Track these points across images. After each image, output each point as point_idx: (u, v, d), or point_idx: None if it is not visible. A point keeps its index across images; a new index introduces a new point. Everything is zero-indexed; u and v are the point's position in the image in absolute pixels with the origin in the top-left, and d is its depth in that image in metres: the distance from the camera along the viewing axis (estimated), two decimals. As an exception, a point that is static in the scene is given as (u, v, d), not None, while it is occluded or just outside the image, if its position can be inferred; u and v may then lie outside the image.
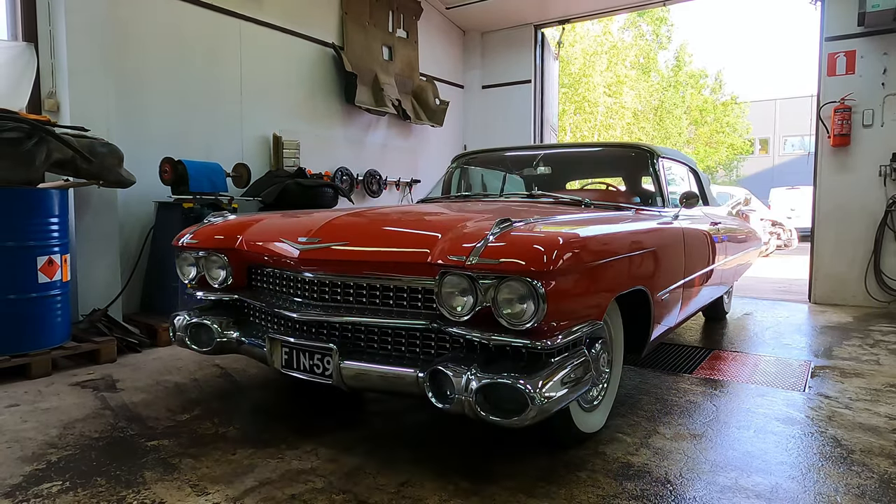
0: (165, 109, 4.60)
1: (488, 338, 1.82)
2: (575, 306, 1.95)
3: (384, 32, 6.63)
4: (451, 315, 1.89)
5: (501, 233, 1.88)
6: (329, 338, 2.20)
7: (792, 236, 12.61)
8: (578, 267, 1.93)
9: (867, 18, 5.30)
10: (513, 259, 1.77)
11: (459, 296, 1.89)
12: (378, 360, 2.07)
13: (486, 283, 1.81)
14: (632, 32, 21.02)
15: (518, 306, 1.79)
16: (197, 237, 2.66)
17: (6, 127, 3.16)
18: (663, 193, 3.24)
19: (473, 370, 1.77)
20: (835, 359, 3.72)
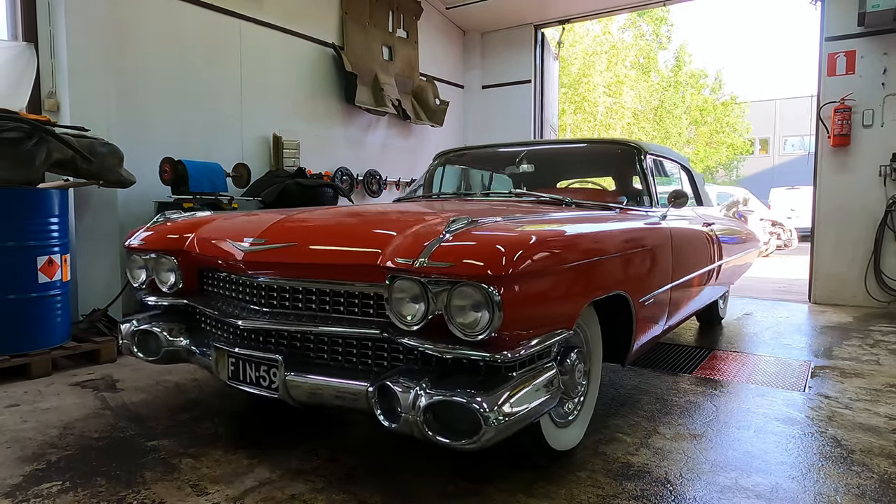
0: (165, 109, 4.60)
1: (440, 349, 1.65)
2: (539, 314, 1.78)
3: (384, 32, 6.63)
4: (401, 323, 1.72)
5: (455, 233, 1.71)
6: (278, 348, 2.05)
7: (792, 236, 12.62)
8: (543, 270, 1.76)
9: (867, 18, 5.30)
10: (466, 262, 1.60)
11: (411, 302, 1.71)
12: (329, 373, 1.90)
13: (438, 288, 1.64)
14: (632, 32, 21.03)
15: (472, 315, 1.62)
16: (146, 238, 2.50)
17: (6, 127, 3.16)
18: (651, 192, 3.05)
19: (423, 386, 1.61)
20: (835, 359, 3.72)
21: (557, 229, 2.00)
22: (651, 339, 2.75)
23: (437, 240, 1.68)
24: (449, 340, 1.65)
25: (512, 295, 1.61)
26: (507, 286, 1.60)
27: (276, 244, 2.05)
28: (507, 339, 1.64)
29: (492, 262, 1.58)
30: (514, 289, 1.63)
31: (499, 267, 1.58)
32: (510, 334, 1.64)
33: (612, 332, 2.43)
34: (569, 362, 1.99)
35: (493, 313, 1.58)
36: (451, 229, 1.72)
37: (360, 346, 1.94)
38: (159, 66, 4.56)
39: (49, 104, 3.97)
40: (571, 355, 2.01)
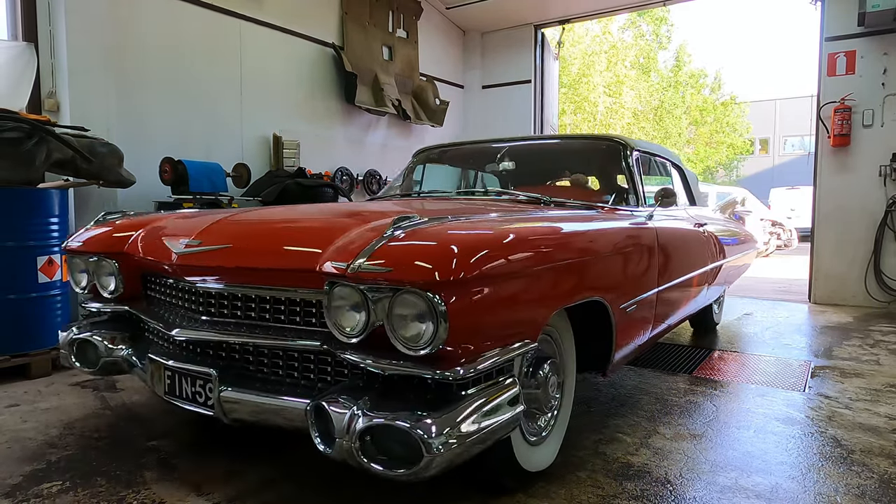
0: (165, 109, 4.60)
1: (380, 365, 1.48)
2: (496, 325, 1.60)
3: (384, 32, 6.63)
4: (341, 335, 1.55)
5: (399, 234, 1.53)
6: (217, 360, 1.89)
7: (792, 236, 12.62)
8: (499, 275, 1.57)
9: (867, 18, 5.30)
10: (406, 266, 1.43)
11: (351, 311, 1.54)
12: (269, 390, 1.74)
13: (378, 296, 1.46)
14: (632, 32, 21.03)
15: (415, 326, 1.44)
16: (86, 239, 2.33)
17: (6, 127, 3.16)
18: (637, 191, 2.87)
19: (361, 406, 1.44)
20: (835, 359, 3.72)
21: (521, 229, 1.83)
22: (636, 347, 2.60)
23: (377, 242, 1.50)
24: (393, 355, 1.49)
25: (461, 304, 1.43)
26: (455, 294, 1.42)
27: (211, 246, 1.89)
28: (457, 354, 1.47)
29: (436, 267, 1.40)
30: (463, 297, 1.45)
31: (445, 272, 1.40)
32: (460, 348, 1.47)
33: (592, 341, 2.28)
34: (541, 374, 1.87)
35: (438, 325, 1.40)
36: (395, 230, 1.55)
37: (302, 359, 1.77)
38: (159, 66, 4.56)
39: (49, 104, 3.97)
40: (544, 367, 1.89)
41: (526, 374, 1.86)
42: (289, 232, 1.99)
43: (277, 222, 2.13)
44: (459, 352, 1.47)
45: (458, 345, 1.46)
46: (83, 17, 3.98)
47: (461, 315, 1.44)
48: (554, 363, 1.98)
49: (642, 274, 2.55)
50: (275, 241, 1.89)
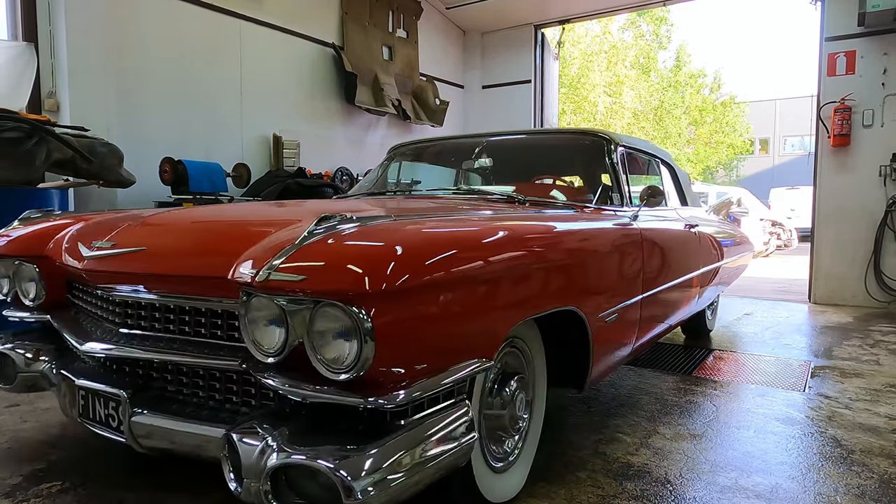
0: (165, 109, 4.61)
1: (299, 391, 1.27)
2: (440, 342, 1.39)
3: (384, 32, 6.63)
4: (259, 353, 1.34)
5: (318, 237, 1.31)
6: (133, 379, 1.69)
7: (792, 236, 12.63)
8: (442, 285, 1.35)
9: (867, 18, 5.30)
10: (324, 275, 1.22)
11: (271, 326, 1.32)
12: (187, 414, 1.53)
13: (297, 308, 1.25)
14: (632, 32, 21.04)
15: (336, 345, 1.24)
16: (5, 242, 2.13)
17: (6, 127, 3.16)
18: (621, 189, 2.66)
19: (277, 439, 1.23)
20: (835, 359, 3.72)
21: (474, 231, 1.61)
22: (618, 359, 2.42)
23: (293, 246, 1.28)
24: (316, 379, 1.27)
25: (393, 319, 1.22)
26: (386, 307, 1.21)
27: (122, 249, 1.69)
28: (390, 378, 1.26)
29: (362, 275, 1.19)
30: (396, 311, 1.23)
31: (372, 281, 1.18)
32: (394, 371, 1.27)
33: (567, 353, 2.10)
34: (507, 393, 1.71)
35: (363, 344, 1.19)
36: (315, 231, 1.32)
37: (225, 379, 1.55)
38: (159, 66, 4.56)
39: (49, 104, 3.97)
40: (510, 384, 1.73)
41: (489, 392, 1.71)
42: (206, 233, 1.79)
43: (198, 222, 1.92)
44: (393, 375, 1.26)
45: (390, 367, 1.25)
46: (83, 17, 3.98)
47: (393, 332, 1.23)
48: (522, 379, 1.80)
49: (625, 279, 2.34)
50: (189, 244, 1.72)
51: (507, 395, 1.73)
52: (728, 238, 4.06)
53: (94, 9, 4.04)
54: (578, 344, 2.04)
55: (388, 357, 1.23)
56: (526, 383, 1.86)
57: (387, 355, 1.22)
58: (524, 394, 1.83)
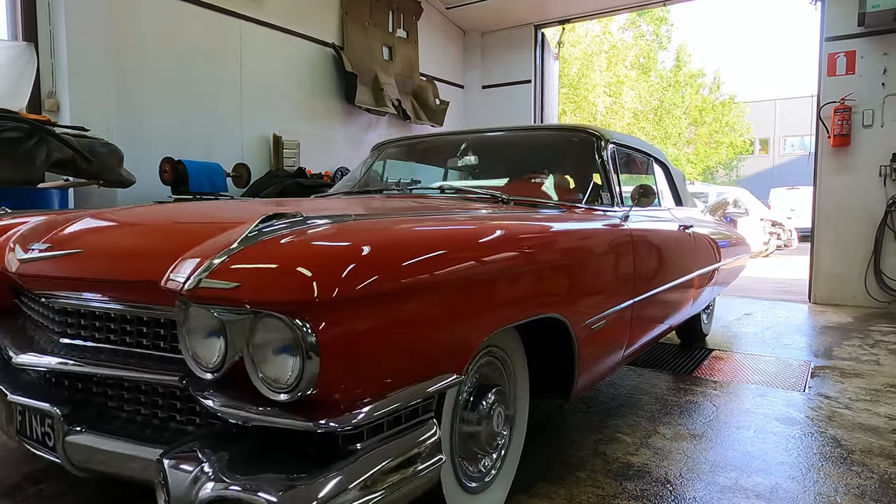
0: (165, 109, 4.60)
1: (237, 412, 1.13)
2: (399, 357, 1.25)
3: (384, 32, 6.63)
4: (198, 368, 1.21)
5: (257, 241, 1.17)
6: (74, 395, 1.54)
7: (792, 236, 12.63)
8: (401, 293, 1.22)
9: (867, 19, 5.30)
10: (260, 282, 1.09)
11: (210, 338, 1.19)
12: (128, 434, 1.39)
13: (235, 319, 1.13)
14: (632, 32, 21.05)
15: (278, 362, 1.11)
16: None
17: (6, 127, 3.17)
18: (612, 188, 2.54)
19: (215, 465, 1.10)
20: (835, 359, 3.72)
21: (440, 233, 1.48)
22: (607, 367, 2.29)
23: (229, 250, 1.15)
24: (258, 399, 1.13)
25: (342, 331, 1.10)
26: (332, 319, 1.08)
27: (58, 251, 1.56)
28: (340, 398, 1.12)
29: (303, 283, 1.05)
30: (345, 322, 1.11)
31: (316, 289, 1.05)
32: (344, 390, 1.13)
33: (551, 362, 1.98)
34: (483, 407, 1.59)
35: (305, 361, 1.06)
36: (255, 234, 1.19)
37: (169, 395, 1.41)
38: (159, 66, 4.56)
39: (49, 104, 3.97)
40: (487, 397, 1.61)
41: (464, 406, 1.59)
42: (145, 234, 1.65)
43: (140, 222, 1.76)
44: (345, 394, 1.13)
45: (341, 385, 1.12)
46: (83, 17, 3.98)
47: (343, 347, 1.10)
48: (500, 392, 1.67)
49: (614, 284, 2.22)
50: (125, 246, 1.58)
51: (484, 409, 1.60)
52: (724, 239, 3.96)
53: (94, 9, 4.04)
54: (563, 352, 1.93)
55: (337, 374, 1.10)
56: (505, 396, 1.74)
57: (335, 372, 1.09)
58: (503, 408, 1.69)
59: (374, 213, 1.61)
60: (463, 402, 1.60)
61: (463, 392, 1.59)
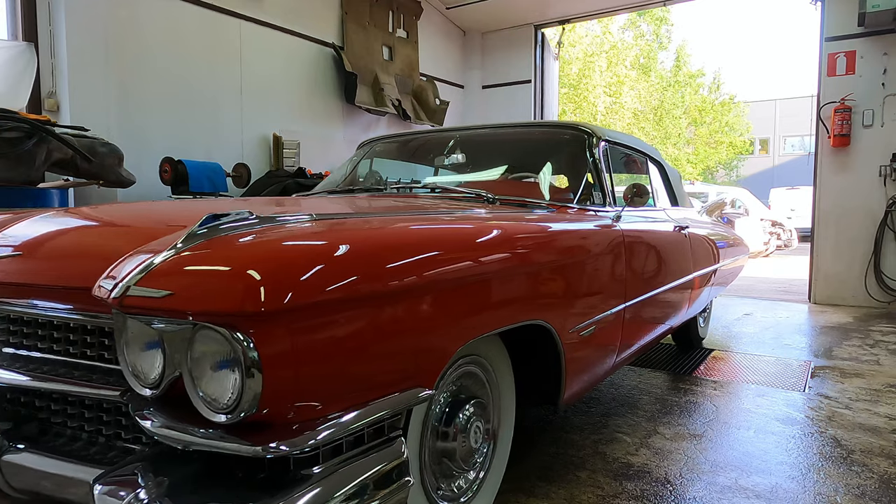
0: (165, 109, 4.60)
1: (172, 433, 1.02)
2: (359, 371, 1.13)
3: (384, 32, 6.63)
4: (137, 383, 1.09)
5: (194, 244, 1.06)
6: (16, 409, 1.43)
7: (792, 236, 12.63)
8: (359, 301, 1.10)
9: (867, 19, 5.30)
10: (196, 290, 0.99)
11: (150, 351, 1.08)
12: (68, 453, 1.27)
13: (173, 331, 1.02)
14: (632, 32, 21.06)
15: (218, 379, 1.00)
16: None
17: (6, 126, 3.16)
18: (604, 188, 2.44)
19: (152, 491, 1.01)
20: (835, 359, 3.72)
21: (407, 234, 1.36)
22: (597, 375, 2.20)
23: (163, 254, 1.05)
24: (199, 420, 1.02)
25: (288, 346, 0.98)
26: (276, 331, 0.97)
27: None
28: (291, 418, 1.01)
29: (243, 291, 0.94)
30: (292, 335, 0.99)
31: (258, 298, 0.94)
32: (295, 409, 1.01)
33: (540, 368, 1.89)
34: (460, 421, 1.47)
35: (245, 378, 0.95)
36: (194, 236, 1.07)
37: (114, 410, 1.30)
38: (159, 66, 4.56)
39: (49, 104, 3.97)
40: (466, 410, 1.50)
41: (438, 420, 1.48)
42: (88, 237, 1.51)
43: (87, 224, 1.62)
44: (296, 414, 1.02)
45: (288, 405, 1.00)
46: (83, 17, 3.98)
47: (289, 362, 0.99)
48: (480, 404, 1.57)
49: (604, 287, 2.12)
50: (65, 249, 1.44)
51: (461, 423, 1.49)
52: (721, 240, 3.86)
53: (94, 9, 4.04)
54: (550, 360, 1.84)
55: (284, 393, 0.99)
56: (486, 408, 1.64)
57: (282, 391, 0.98)
58: (482, 421, 1.58)
59: (342, 213, 1.47)
60: (437, 416, 1.48)
61: (436, 406, 1.47)
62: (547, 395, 1.91)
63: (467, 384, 1.61)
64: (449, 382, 1.53)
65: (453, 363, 1.50)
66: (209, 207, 1.89)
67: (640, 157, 3.21)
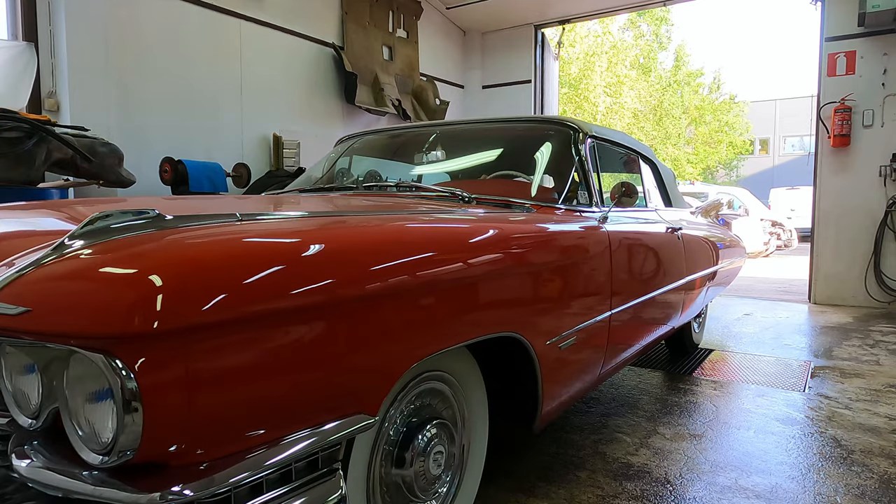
0: (165, 109, 4.60)
1: (44, 476, 0.86)
2: (276, 399, 0.96)
3: (384, 32, 6.63)
4: (18, 413, 0.95)
5: (68, 251, 0.89)
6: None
7: (792, 236, 12.63)
8: (272, 316, 0.93)
9: (867, 19, 5.30)
10: (58, 308, 0.83)
11: (31, 375, 0.93)
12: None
13: (49, 354, 0.88)
14: (632, 32, 21.06)
15: (95, 412, 0.84)
16: None
17: (6, 126, 3.16)
18: (590, 186, 2.28)
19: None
20: (835, 359, 3.72)
21: (350, 236, 1.17)
22: (580, 389, 2.03)
23: (32, 262, 0.88)
24: (79, 460, 0.86)
25: (177, 373, 0.82)
26: (161, 356, 0.81)
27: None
28: (189, 458, 0.85)
29: (120, 308, 0.78)
30: (182, 359, 0.82)
31: (140, 316, 0.78)
32: (189, 448, 0.85)
33: (515, 382, 1.73)
34: (419, 445, 1.32)
35: (123, 413, 0.79)
36: (70, 241, 0.91)
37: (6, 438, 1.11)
38: (159, 66, 4.56)
39: (49, 104, 3.97)
40: (425, 433, 1.34)
41: (392, 445, 1.32)
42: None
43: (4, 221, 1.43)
44: (190, 454, 0.85)
45: (180, 443, 0.84)
46: (83, 17, 3.98)
47: (182, 391, 0.82)
48: (443, 426, 1.40)
49: (588, 294, 1.97)
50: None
51: (420, 446, 1.33)
52: (717, 242, 3.72)
53: (94, 9, 4.04)
54: (525, 374, 1.67)
55: (177, 428, 0.82)
56: (452, 429, 1.47)
57: (174, 426, 0.82)
58: (446, 444, 1.42)
59: (274, 213, 1.26)
60: (391, 439, 1.31)
61: (391, 426, 1.30)
62: (523, 413, 1.74)
63: (430, 402, 1.44)
64: (406, 402, 1.36)
65: (412, 381, 1.35)
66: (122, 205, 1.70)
67: (631, 154, 3.08)
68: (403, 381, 1.31)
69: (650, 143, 20.00)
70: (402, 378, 1.26)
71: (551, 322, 1.73)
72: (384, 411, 1.28)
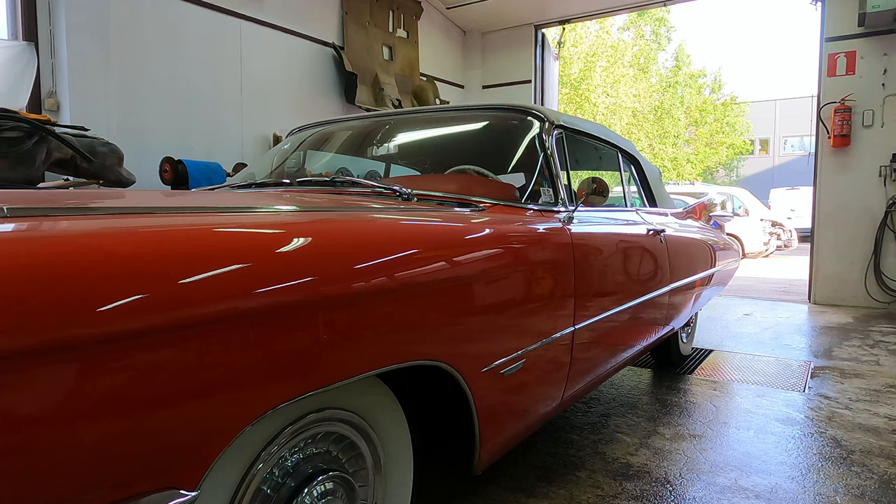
0: (165, 109, 4.60)
1: None
2: (35, 471, 0.66)
3: (384, 32, 6.63)
4: None
5: None
6: None
7: (792, 237, 12.64)
8: (19, 353, 0.63)
9: (867, 19, 5.30)
10: None
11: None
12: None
13: None
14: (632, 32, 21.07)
15: None
16: None
17: (6, 126, 3.16)
18: (554, 182, 2.00)
19: None
20: (835, 359, 3.72)
21: (170, 239, 0.84)
22: (533, 420, 1.72)
23: None
24: None
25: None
26: None
27: None
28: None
29: None
30: None
31: None
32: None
33: (444, 419, 1.45)
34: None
35: None
36: None
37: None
38: (159, 66, 4.56)
39: (49, 104, 3.97)
40: (314, 489, 1.07)
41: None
42: None
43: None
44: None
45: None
46: (83, 17, 3.98)
47: None
48: (340, 481, 1.13)
49: (542, 308, 1.66)
50: None
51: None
52: (709, 245, 3.45)
53: (94, 9, 4.04)
54: (458, 409, 1.38)
55: None
56: (355, 483, 1.18)
57: None
58: (344, 501, 1.14)
59: (53, 208, 0.96)
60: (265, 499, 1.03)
61: (266, 486, 1.03)
62: (459, 453, 1.44)
63: (326, 450, 1.15)
64: (279, 457, 1.06)
65: (287, 426, 1.05)
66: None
67: (610, 150, 2.77)
68: (266, 429, 1.01)
69: (650, 143, 20.01)
70: (257, 429, 0.98)
71: (488, 345, 1.41)
72: (241, 473, 0.98)
